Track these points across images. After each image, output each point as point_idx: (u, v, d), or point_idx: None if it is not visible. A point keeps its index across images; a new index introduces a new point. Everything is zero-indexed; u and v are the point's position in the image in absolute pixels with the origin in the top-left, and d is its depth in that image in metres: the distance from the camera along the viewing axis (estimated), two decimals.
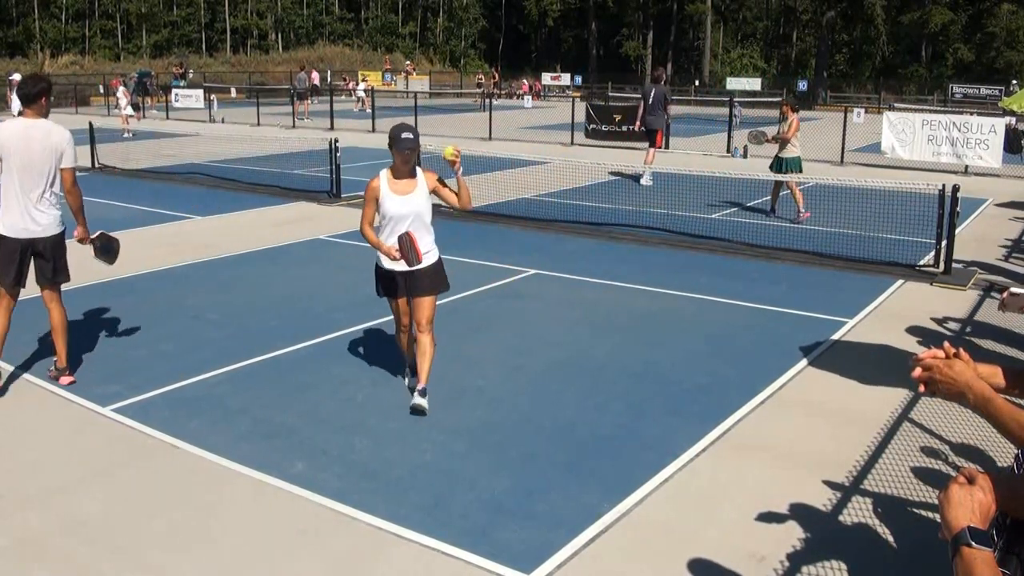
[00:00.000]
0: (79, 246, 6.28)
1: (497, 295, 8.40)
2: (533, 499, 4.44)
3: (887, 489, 4.60)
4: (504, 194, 14.02)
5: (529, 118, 30.54)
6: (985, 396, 2.00)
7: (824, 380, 6.22)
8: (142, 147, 21.00)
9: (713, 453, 5.02)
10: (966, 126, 17.13)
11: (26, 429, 5.32)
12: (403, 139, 5.25)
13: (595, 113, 22.87)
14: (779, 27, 65.29)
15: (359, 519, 4.24)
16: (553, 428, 5.33)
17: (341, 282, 8.82)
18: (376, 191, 5.34)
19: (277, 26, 63.32)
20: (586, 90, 50.20)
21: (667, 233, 11.06)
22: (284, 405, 5.63)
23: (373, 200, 5.35)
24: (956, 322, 7.69)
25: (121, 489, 4.54)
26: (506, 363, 6.50)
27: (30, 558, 3.92)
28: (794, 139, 12.17)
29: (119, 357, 6.56)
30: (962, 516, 1.67)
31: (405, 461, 4.85)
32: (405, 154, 5.30)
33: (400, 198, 5.37)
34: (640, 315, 7.78)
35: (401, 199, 5.37)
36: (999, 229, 12.11)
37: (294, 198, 13.68)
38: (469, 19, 67.42)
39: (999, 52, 52.81)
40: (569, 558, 3.92)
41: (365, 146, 22.27)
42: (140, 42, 56.80)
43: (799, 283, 8.95)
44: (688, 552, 3.99)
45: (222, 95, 35.16)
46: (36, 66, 46.27)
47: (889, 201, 12.52)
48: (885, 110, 21.61)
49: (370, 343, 6.94)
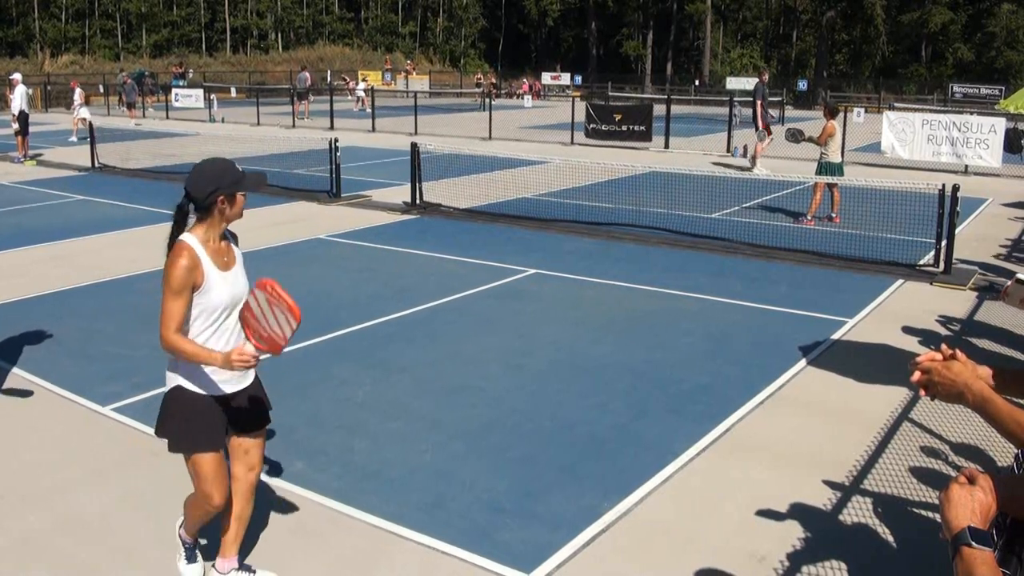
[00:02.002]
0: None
1: (497, 295, 8.40)
2: (533, 499, 4.44)
3: (887, 489, 4.60)
4: (504, 194, 14.02)
5: (529, 118, 30.53)
6: (984, 396, 2.00)
7: (824, 380, 6.22)
8: (142, 147, 21.00)
9: (713, 453, 5.02)
10: (966, 126, 17.12)
11: (26, 429, 5.32)
12: (251, 174, 3.47)
13: (595, 113, 22.86)
14: (779, 27, 65.25)
15: (359, 519, 4.24)
16: (553, 428, 5.33)
17: (341, 282, 8.82)
18: (195, 271, 3.28)
19: (277, 26, 63.27)
20: (586, 90, 50.20)
21: (667, 233, 11.05)
22: (284, 405, 5.62)
23: (189, 287, 3.27)
24: (956, 322, 7.69)
25: (121, 489, 4.54)
26: (506, 363, 6.50)
27: (30, 558, 3.92)
28: (828, 144, 12.05)
29: (119, 357, 6.55)
30: (962, 516, 1.67)
31: (405, 461, 4.85)
32: (242, 199, 3.42)
33: (225, 275, 3.40)
34: (640, 315, 7.78)
35: (225, 277, 3.40)
36: (999, 229, 12.11)
37: (294, 198, 13.67)
38: (469, 19, 67.37)
39: (999, 52, 52.77)
40: (569, 558, 3.92)
41: (365, 146, 22.27)
42: (140, 42, 56.75)
43: (799, 283, 8.95)
44: (688, 552, 3.99)
45: (222, 95, 35.17)
46: (36, 66, 46.30)
47: (889, 201, 12.51)
48: (885, 110, 21.61)
49: (370, 343, 6.94)
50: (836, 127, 12.22)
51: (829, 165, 12.07)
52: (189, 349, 3.28)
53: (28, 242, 10.64)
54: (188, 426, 3.40)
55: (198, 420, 3.41)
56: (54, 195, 14.13)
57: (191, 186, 3.32)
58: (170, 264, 3.27)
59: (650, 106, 23.24)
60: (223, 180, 3.30)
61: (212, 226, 3.35)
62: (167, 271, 3.28)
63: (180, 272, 3.25)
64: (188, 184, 3.33)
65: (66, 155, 19.33)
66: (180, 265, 3.25)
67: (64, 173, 16.68)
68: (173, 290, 3.27)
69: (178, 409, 3.41)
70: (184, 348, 3.27)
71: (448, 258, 9.91)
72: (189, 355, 3.28)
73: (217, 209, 3.32)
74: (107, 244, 10.68)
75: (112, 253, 10.12)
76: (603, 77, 56.65)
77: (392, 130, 26.11)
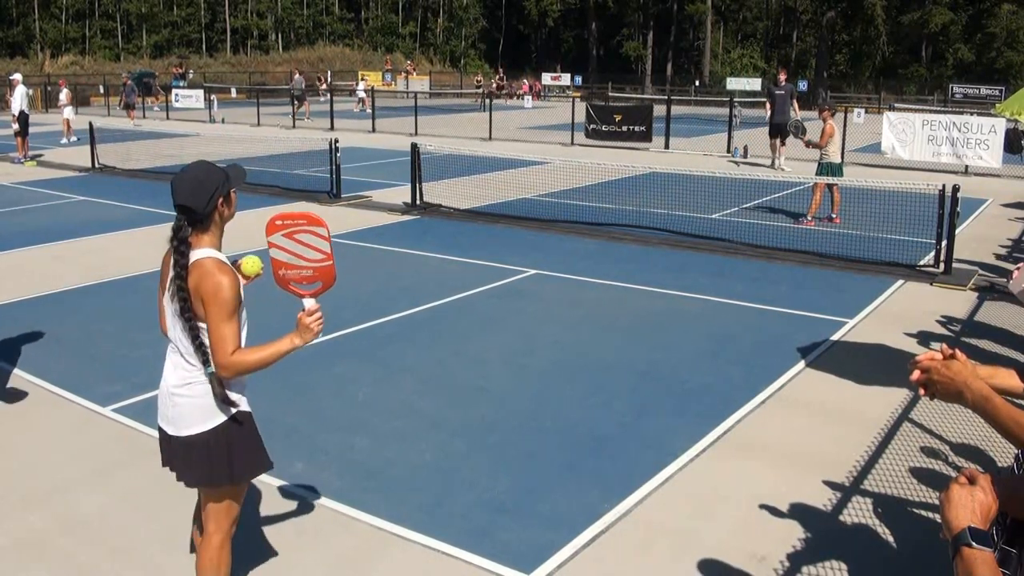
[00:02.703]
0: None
1: (498, 295, 8.40)
2: (534, 499, 4.44)
3: (887, 489, 4.60)
4: (504, 194, 14.03)
5: (529, 118, 30.53)
6: (983, 395, 2.00)
7: (824, 380, 6.22)
8: (142, 147, 21.00)
9: (713, 453, 5.02)
10: (966, 126, 17.12)
11: (26, 429, 5.32)
12: (231, 168, 3.33)
13: (595, 113, 22.86)
14: (779, 27, 65.25)
15: (359, 519, 4.24)
16: (554, 428, 5.33)
17: (342, 282, 8.79)
18: (239, 285, 3.10)
19: (277, 26, 63.30)
20: (586, 90, 50.18)
21: (667, 233, 11.05)
22: (284, 405, 5.62)
23: (238, 307, 3.07)
24: (956, 322, 7.69)
25: (121, 489, 4.54)
26: (507, 362, 6.50)
27: (30, 558, 3.92)
28: (828, 144, 12.03)
29: (120, 357, 6.55)
30: (963, 516, 1.67)
31: (405, 461, 4.85)
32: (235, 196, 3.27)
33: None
34: (640, 315, 7.78)
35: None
36: (999, 229, 12.11)
37: (294, 198, 13.68)
38: (469, 19, 67.39)
39: (999, 52, 52.77)
40: (569, 558, 3.92)
41: (365, 146, 22.28)
42: (140, 42, 56.79)
43: (799, 283, 8.95)
44: (688, 552, 3.99)
45: (222, 95, 35.18)
46: (36, 66, 46.32)
47: (889, 201, 12.51)
48: (885, 110, 21.60)
49: (371, 343, 6.94)
50: (835, 128, 12.22)
51: (829, 165, 12.06)
52: (258, 355, 3.00)
53: (29, 242, 10.64)
54: (260, 449, 3.22)
55: (258, 438, 3.22)
56: (54, 195, 14.13)
57: (189, 198, 3.02)
58: (216, 288, 2.97)
59: (650, 107, 23.24)
60: (216, 181, 3.10)
61: (216, 233, 3.14)
62: (218, 296, 2.98)
63: (232, 293, 3.01)
64: (183, 198, 3.03)
65: (66, 156, 19.33)
66: (229, 285, 3.00)
67: (64, 174, 16.68)
68: (229, 312, 3.00)
69: (244, 436, 3.14)
70: (253, 358, 3.00)
71: (448, 259, 9.91)
72: (263, 359, 3.00)
73: (217, 213, 3.12)
74: (107, 244, 10.68)
75: (112, 253, 10.12)
76: (603, 78, 56.66)
77: (392, 131, 26.11)
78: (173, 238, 3.04)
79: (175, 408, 3.11)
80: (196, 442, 3.08)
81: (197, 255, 3.04)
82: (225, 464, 3.11)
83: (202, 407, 3.07)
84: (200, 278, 2.98)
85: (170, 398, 3.12)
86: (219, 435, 3.09)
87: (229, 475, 3.13)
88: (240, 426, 3.12)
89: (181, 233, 3.03)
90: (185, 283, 2.99)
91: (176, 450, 3.15)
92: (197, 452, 3.09)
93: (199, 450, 3.09)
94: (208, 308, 2.98)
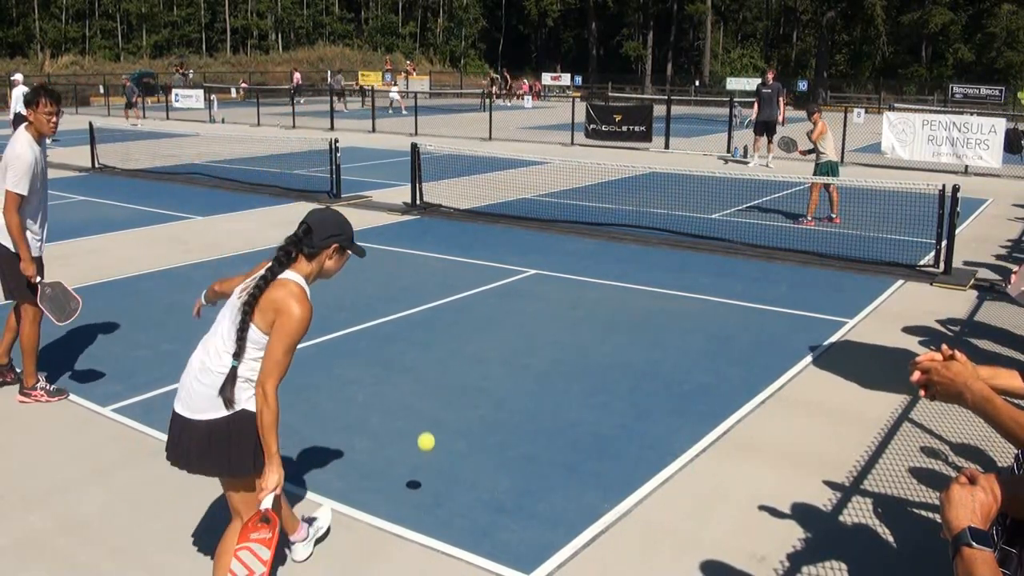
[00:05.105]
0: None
1: (498, 295, 8.40)
2: (534, 499, 4.44)
3: (887, 489, 4.60)
4: (504, 194, 14.03)
5: (529, 118, 30.54)
6: (984, 396, 2.00)
7: (824, 380, 6.22)
8: (142, 147, 21.01)
9: (713, 453, 5.02)
10: (966, 126, 17.12)
11: (26, 429, 5.32)
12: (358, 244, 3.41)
13: (595, 113, 22.86)
14: (779, 27, 65.25)
15: (359, 519, 4.24)
16: (554, 428, 5.33)
17: (341, 282, 8.80)
18: (308, 325, 3.13)
19: (277, 26, 63.30)
20: (586, 90, 50.16)
21: (667, 233, 11.05)
22: (284, 405, 5.58)
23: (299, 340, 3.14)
24: (956, 323, 7.69)
25: (121, 489, 4.54)
26: (507, 363, 6.50)
27: (30, 558, 3.92)
28: (823, 142, 11.96)
29: (120, 357, 6.55)
30: (963, 516, 1.67)
31: (405, 461, 4.85)
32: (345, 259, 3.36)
33: None
34: (641, 315, 7.78)
35: None
36: (999, 229, 12.11)
37: (294, 198, 13.67)
38: (469, 19, 67.39)
39: (999, 52, 52.75)
40: (569, 558, 3.92)
41: (365, 146, 22.28)
42: (140, 42, 56.79)
43: (799, 283, 8.95)
44: (688, 552, 3.99)
45: (222, 95, 35.17)
46: (36, 66, 46.31)
47: (889, 201, 12.52)
48: (885, 110, 21.60)
49: (371, 343, 6.94)
50: (827, 125, 12.15)
51: (828, 164, 12.07)
52: (270, 419, 3.07)
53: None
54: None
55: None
56: (54, 195, 13.99)
57: (317, 224, 3.18)
58: (290, 313, 3.02)
59: (650, 107, 23.23)
60: (345, 232, 3.25)
61: (314, 272, 3.21)
62: (294, 319, 3.01)
63: (304, 326, 3.05)
64: (313, 221, 3.19)
65: (66, 156, 19.32)
66: (304, 318, 3.04)
67: (64, 174, 16.65)
68: (295, 340, 3.07)
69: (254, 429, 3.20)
70: (269, 415, 3.06)
71: (448, 259, 9.91)
72: (268, 423, 3.07)
73: (326, 256, 3.20)
74: (107, 244, 10.68)
75: (112, 253, 10.13)
76: (603, 77, 56.66)
77: (392, 130, 26.11)
78: (281, 248, 3.18)
79: (196, 392, 3.14)
80: (215, 427, 3.11)
81: (290, 274, 3.15)
82: (249, 453, 3.15)
83: (221, 395, 3.14)
84: (283, 296, 3.06)
85: (193, 382, 3.16)
86: (238, 422, 3.13)
87: (252, 464, 3.16)
88: (251, 423, 3.18)
89: (289, 246, 3.17)
90: (266, 287, 3.08)
91: (192, 437, 3.15)
92: (216, 439, 3.12)
93: (218, 436, 3.12)
94: (277, 330, 3.05)
